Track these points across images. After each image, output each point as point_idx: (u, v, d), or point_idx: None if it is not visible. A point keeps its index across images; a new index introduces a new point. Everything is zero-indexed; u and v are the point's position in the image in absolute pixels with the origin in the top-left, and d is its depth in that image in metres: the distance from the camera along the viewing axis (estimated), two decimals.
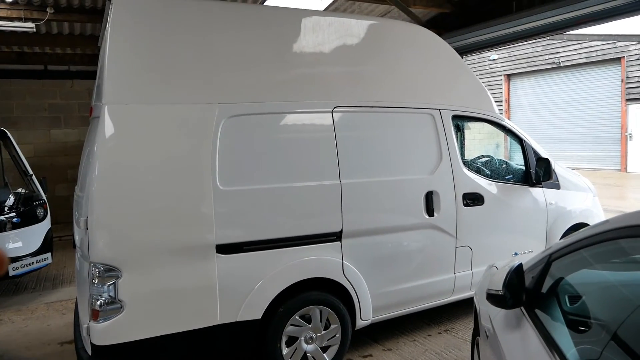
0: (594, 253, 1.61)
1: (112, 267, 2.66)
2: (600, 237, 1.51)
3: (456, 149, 4.02)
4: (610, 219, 1.56)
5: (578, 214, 4.86)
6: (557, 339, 1.59)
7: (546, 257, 1.85)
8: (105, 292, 2.65)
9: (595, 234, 1.55)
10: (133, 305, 2.72)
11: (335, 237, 3.41)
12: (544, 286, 1.86)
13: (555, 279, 1.83)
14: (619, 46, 15.41)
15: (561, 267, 1.78)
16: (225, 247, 3.02)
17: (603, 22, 7.23)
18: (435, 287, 3.97)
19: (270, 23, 3.40)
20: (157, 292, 2.81)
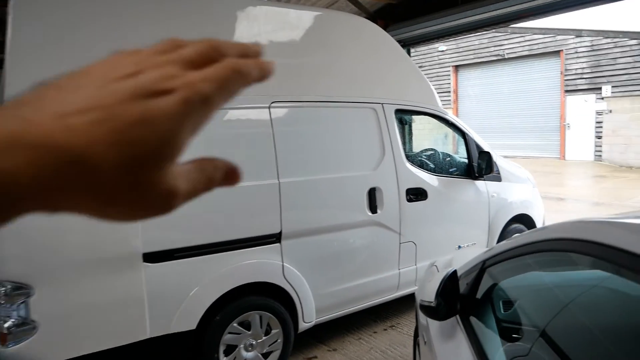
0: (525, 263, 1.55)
1: (22, 284, 2.40)
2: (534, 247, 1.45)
3: (399, 144, 3.96)
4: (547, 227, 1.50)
5: (519, 205, 4.96)
6: (488, 348, 1.53)
7: (480, 263, 1.79)
8: (14, 312, 2.39)
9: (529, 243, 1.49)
10: (48, 324, 2.48)
11: (275, 238, 3.27)
12: (478, 292, 1.80)
13: (489, 285, 1.77)
14: (558, 40, 15.98)
15: (495, 273, 1.72)
16: (154, 255, 2.82)
17: (544, 16, 7.40)
18: (380, 284, 3.92)
19: (198, 12, 3.18)
20: (77, 308, 2.58)
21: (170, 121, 0.27)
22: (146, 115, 0.27)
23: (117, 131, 0.26)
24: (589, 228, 1.29)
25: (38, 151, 0.25)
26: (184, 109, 0.28)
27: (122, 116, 0.26)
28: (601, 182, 12.45)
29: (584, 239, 1.22)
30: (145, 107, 0.27)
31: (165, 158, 0.28)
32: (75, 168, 0.25)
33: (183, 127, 0.28)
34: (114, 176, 0.26)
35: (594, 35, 15.07)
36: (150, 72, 0.29)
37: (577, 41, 15.49)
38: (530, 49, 16.79)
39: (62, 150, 0.25)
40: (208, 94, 0.29)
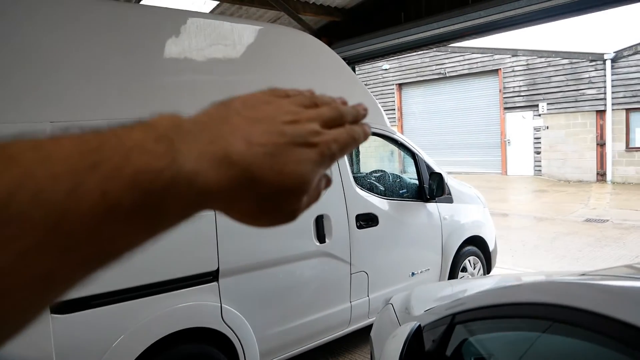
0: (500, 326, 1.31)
1: None
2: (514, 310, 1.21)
3: (347, 167, 3.70)
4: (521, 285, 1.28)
5: (471, 227, 4.82)
6: None
7: (449, 317, 1.51)
8: None
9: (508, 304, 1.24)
10: None
11: (212, 277, 2.89)
12: (448, 349, 1.53)
13: (460, 340, 1.50)
14: (496, 59, 16.55)
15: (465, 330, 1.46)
16: (64, 305, 2.37)
17: (483, 35, 7.50)
18: (331, 320, 3.60)
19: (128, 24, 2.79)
20: None
21: (311, 165, 0.36)
22: (299, 158, 0.35)
23: (281, 164, 0.34)
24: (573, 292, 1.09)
25: (237, 169, 0.32)
26: (320, 160, 0.36)
27: (286, 155, 0.34)
28: (542, 196, 12.81)
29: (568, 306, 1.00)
30: (300, 152, 0.35)
31: (303, 190, 0.36)
32: (250, 185, 0.33)
33: (316, 170, 0.37)
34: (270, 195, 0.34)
35: (529, 55, 15.71)
36: (304, 126, 0.37)
37: (513, 60, 16.10)
38: (470, 67, 17.30)
39: (248, 171, 0.33)
40: (334, 152, 0.38)
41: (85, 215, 0.26)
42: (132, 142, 0.29)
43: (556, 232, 8.74)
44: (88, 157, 0.27)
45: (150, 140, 0.30)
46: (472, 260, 4.81)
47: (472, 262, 4.82)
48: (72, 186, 0.26)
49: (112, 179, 0.27)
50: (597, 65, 14.16)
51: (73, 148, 0.27)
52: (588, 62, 14.35)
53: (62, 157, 0.26)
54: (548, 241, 8.19)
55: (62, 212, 0.25)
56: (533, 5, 5.73)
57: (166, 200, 0.29)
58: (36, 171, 0.25)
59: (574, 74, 14.62)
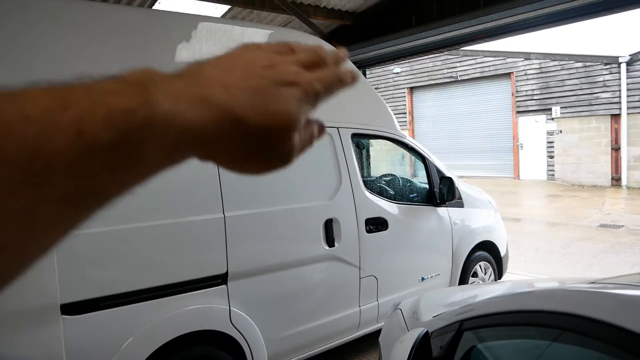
0: (509, 333, 1.29)
1: None
2: (516, 318, 1.20)
3: (357, 171, 3.69)
4: (532, 292, 1.26)
5: (482, 232, 4.78)
6: None
7: (457, 323, 1.50)
8: None
9: (518, 312, 1.22)
10: None
11: (221, 280, 2.90)
12: (455, 356, 1.51)
13: (468, 346, 1.48)
14: (508, 62, 16.43)
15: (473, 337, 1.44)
16: (74, 306, 2.39)
17: (495, 39, 7.46)
18: (339, 324, 3.59)
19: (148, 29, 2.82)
20: None
21: (296, 103, 0.36)
22: (282, 96, 0.35)
23: (264, 104, 0.34)
24: (584, 301, 1.07)
25: (217, 110, 0.33)
26: (304, 97, 0.37)
27: (268, 95, 0.35)
28: (555, 201, 12.67)
29: (580, 315, 0.98)
30: (281, 92, 0.36)
31: (290, 127, 0.36)
32: (234, 127, 0.33)
33: (302, 109, 0.37)
34: (258, 135, 0.34)
35: (542, 58, 15.58)
36: (282, 68, 0.37)
37: (526, 63, 15.97)
38: (482, 71, 17.19)
39: (230, 112, 0.33)
40: (318, 90, 0.38)
41: (60, 152, 0.26)
42: (103, 88, 0.30)
43: (570, 238, 8.63)
44: (59, 100, 0.28)
45: (122, 85, 0.30)
46: (483, 266, 4.77)
47: (483, 268, 4.77)
48: (45, 125, 0.26)
49: (85, 118, 0.27)
50: (612, 68, 13.99)
51: (43, 95, 0.28)
52: (602, 66, 14.18)
53: (32, 101, 0.27)
54: (561, 247, 8.08)
55: (36, 149, 0.26)
56: (545, 9, 5.68)
57: (145, 139, 0.29)
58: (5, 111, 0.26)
59: (588, 77, 14.46)
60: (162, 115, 0.30)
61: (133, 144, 0.29)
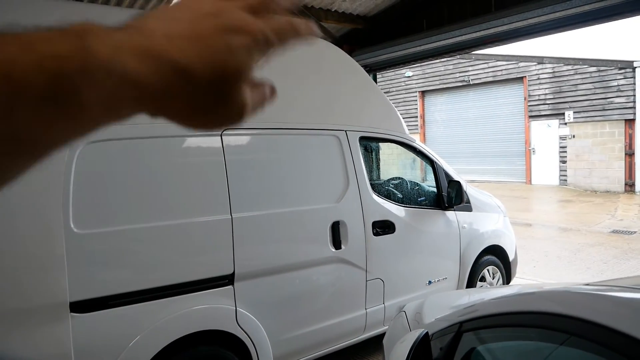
0: (510, 335, 1.29)
1: None
2: (518, 319, 1.20)
3: (364, 173, 3.71)
4: (535, 293, 1.26)
5: (490, 236, 4.75)
6: None
7: (456, 325, 1.51)
8: None
9: (517, 313, 1.23)
10: None
11: (227, 280, 2.93)
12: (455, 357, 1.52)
13: (468, 349, 1.49)
14: (521, 66, 16.32)
15: (474, 337, 1.45)
16: (83, 304, 2.44)
17: (507, 43, 7.43)
18: (345, 327, 3.60)
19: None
20: None
21: (244, 51, 0.35)
22: (229, 44, 0.34)
23: (210, 53, 0.33)
24: (585, 304, 1.07)
25: (160, 61, 0.31)
26: (253, 45, 0.35)
27: (214, 43, 0.33)
28: (567, 206, 12.54)
29: (583, 318, 0.98)
30: (228, 39, 0.34)
31: (239, 77, 0.35)
32: (180, 78, 0.32)
33: (251, 58, 0.35)
34: (206, 87, 0.33)
35: (555, 62, 15.46)
36: (230, 14, 0.35)
37: (539, 68, 15.86)
38: (494, 75, 17.10)
39: (174, 63, 0.32)
40: (270, 38, 0.36)
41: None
42: (36, 37, 0.29)
43: (581, 243, 8.54)
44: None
45: (57, 34, 0.29)
46: (491, 270, 4.75)
47: (491, 272, 4.75)
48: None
49: (14, 62, 0.27)
50: (627, 73, 13.84)
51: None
52: (617, 70, 14.04)
53: None
54: (572, 252, 8.00)
55: None
56: (557, 13, 5.65)
57: (81, 87, 0.29)
58: None
59: (602, 82, 14.32)
60: (99, 63, 0.29)
61: (67, 91, 0.28)
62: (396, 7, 7.55)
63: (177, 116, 0.35)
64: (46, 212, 2.35)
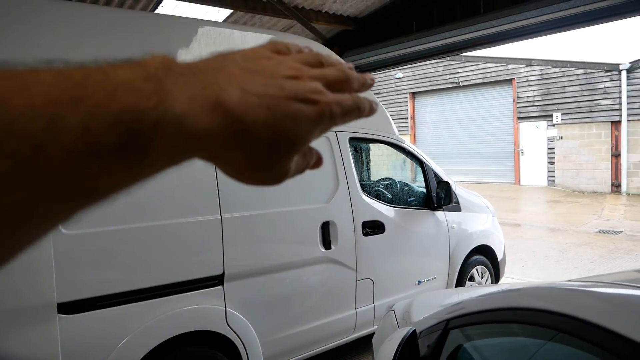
0: (496, 331, 1.31)
1: None
2: (503, 315, 1.21)
3: (354, 174, 3.73)
4: (520, 290, 1.28)
5: (479, 235, 4.80)
6: None
7: (443, 322, 1.52)
8: None
9: (502, 309, 1.25)
10: None
11: (217, 281, 2.93)
12: (442, 355, 1.54)
13: (454, 346, 1.51)
14: (510, 68, 16.47)
15: (460, 334, 1.47)
16: (71, 305, 2.42)
17: (496, 45, 7.50)
18: (335, 326, 3.61)
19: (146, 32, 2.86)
20: None
21: (308, 123, 0.35)
22: (297, 113, 0.34)
23: (276, 118, 0.33)
24: (570, 300, 1.08)
25: (228, 117, 0.31)
26: (319, 119, 0.35)
27: (283, 108, 0.33)
28: (555, 207, 12.67)
29: (569, 315, 1.00)
30: (298, 107, 0.34)
31: (297, 146, 0.35)
32: (242, 136, 0.32)
33: (313, 131, 0.35)
34: (262, 148, 0.33)
35: (543, 65, 15.61)
36: (305, 83, 0.35)
37: (527, 70, 16.00)
38: (483, 77, 17.23)
39: (241, 121, 0.32)
40: (335, 114, 0.36)
41: (64, 150, 0.25)
42: (119, 80, 0.28)
43: (568, 243, 8.63)
44: (70, 91, 0.26)
45: (139, 79, 0.29)
46: (479, 270, 4.79)
47: (479, 272, 4.79)
48: (51, 119, 0.25)
49: (96, 115, 0.26)
50: (613, 75, 14.01)
51: (54, 80, 0.26)
52: (603, 73, 14.21)
53: (42, 89, 0.25)
54: (559, 252, 8.09)
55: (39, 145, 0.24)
56: (544, 16, 5.72)
57: (152, 141, 0.28)
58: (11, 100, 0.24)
59: (589, 84, 14.49)
60: (173, 117, 0.29)
61: (139, 146, 0.28)
62: (386, 9, 7.60)
63: (225, 166, 0.35)
64: None
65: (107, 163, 0.27)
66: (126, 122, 0.27)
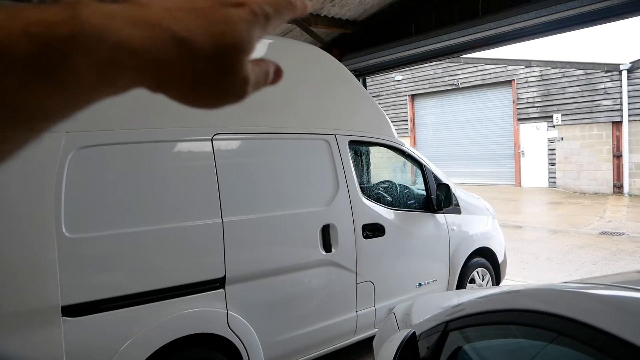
0: (496, 332, 1.33)
1: None
2: (502, 317, 1.23)
3: (354, 177, 3.75)
4: (520, 291, 1.30)
5: (479, 238, 4.81)
6: None
7: (442, 324, 1.54)
8: None
9: (500, 311, 1.27)
10: None
11: (218, 284, 2.95)
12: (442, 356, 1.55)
13: (453, 348, 1.52)
14: (509, 70, 16.50)
15: (460, 336, 1.48)
16: (75, 308, 2.45)
17: (495, 47, 7.53)
18: (336, 329, 3.63)
19: None
20: None
21: (244, 24, 0.34)
22: (228, 17, 0.34)
23: (209, 25, 0.33)
24: (568, 302, 1.10)
25: (157, 30, 0.31)
26: (252, 19, 0.35)
27: (213, 16, 0.33)
28: (557, 208, 12.67)
29: (567, 317, 1.01)
30: (228, 12, 0.34)
31: (239, 49, 0.34)
32: (178, 47, 0.31)
33: (251, 31, 0.35)
34: (205, 58, 0.32)
35: (542, 66, 15.64)
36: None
37: (527, 71, 16.04)
38: (483, 78, 17.27)
39: (172, 33, 0.31)
40: (268, 12, 0.36)
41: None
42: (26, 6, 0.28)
43: (570, 245, 8.64)
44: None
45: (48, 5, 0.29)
46: (480, 272, 4.80)
47: (480, 274, 4.80)
48: None
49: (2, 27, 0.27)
50: (613, 75, 14.03)
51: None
52: (604, 73, 14.23)
53: None
54: (561, 254, 8.10)
55: None
56: (543, 17, 5.75)
57: (71, 53, 0.28)
58: None
59: (589, 84, 14.51)
60: (90, 29, 0.28)
61: (55, 58, 0.28)
62: (385, 12, 7.63)
63: (178, 90, 0.34)
64: (38, 216, 2.36)
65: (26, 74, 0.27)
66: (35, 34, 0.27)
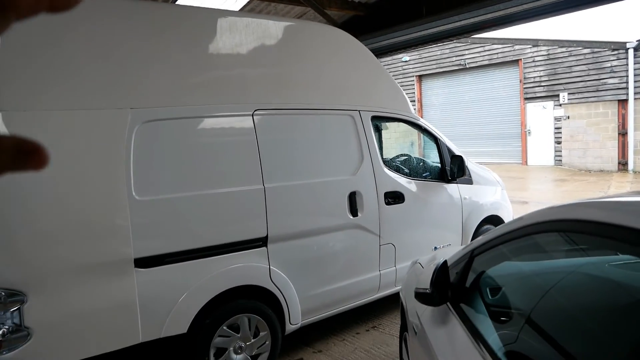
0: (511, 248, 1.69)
1: (15, 291, 2.40)
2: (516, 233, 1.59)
3: (376, 149, 4.11)
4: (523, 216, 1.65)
5: (489, 207, 5.18)
6: (481, 329, 1.65)
7: (468, 252, 1.92)
8: (8, 319, 2.38)
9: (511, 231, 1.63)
10: (42, 331, 2.48)
11: (261, 242, 3.34)
12: (467, 281, 1.93)
13: (477, 273, 1.90)
14: (516, 49, 16.66)
15: (482, 261, 1.86)
16: (145, 261, 2.85)
17: (503, 27, 7.79)
18: (362, 286, 4.03)
19: (183, 23, 3.24)
20: (70, 314, 2.58)
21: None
22: None
23: None
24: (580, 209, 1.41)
25: None
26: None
27: None
28: (562, 185, 13.00)
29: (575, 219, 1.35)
30: None
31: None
32: None
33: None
34: None
35: (549, 45, 15.80)
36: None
37: (534, 50, 16.20)
38: (490, 58, 17.44)
39: None
40: None
41: None
42: None
43: None
44: None
45: None
46: None
47: None
48: None
49: None
50: (620, 54, 14.20)
51: None
52: (610, 51, 14.40)
53: None
54: None
55: None
56: None
57: None
58: None
59: (596, 63, 14.68)
60: None
61: None
62: None
63: None
64: (113, 182, 2.75)
65: None
66: None
